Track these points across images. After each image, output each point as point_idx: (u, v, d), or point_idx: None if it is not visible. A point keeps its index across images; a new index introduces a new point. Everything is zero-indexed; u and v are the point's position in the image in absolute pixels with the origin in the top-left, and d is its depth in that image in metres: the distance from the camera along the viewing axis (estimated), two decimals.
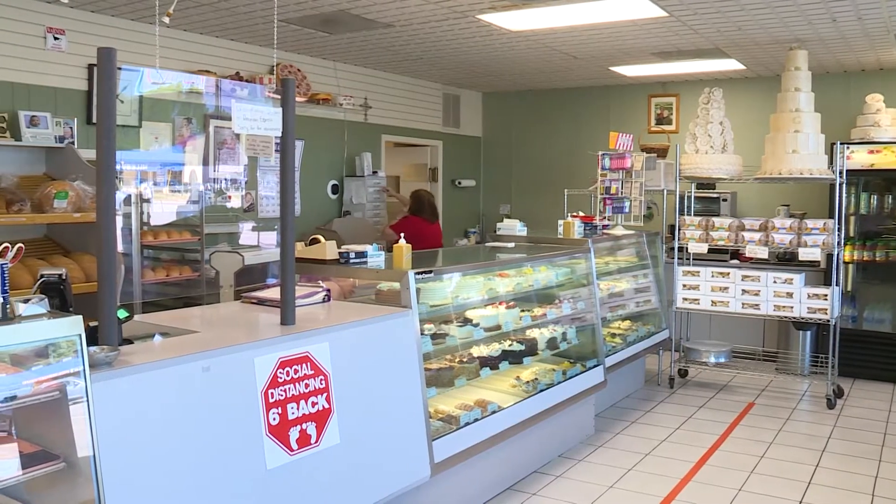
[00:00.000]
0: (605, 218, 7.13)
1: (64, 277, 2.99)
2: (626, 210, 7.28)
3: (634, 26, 6.71)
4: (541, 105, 10.70)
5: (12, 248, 2.79)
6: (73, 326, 2.49)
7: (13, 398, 2.40)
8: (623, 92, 10.06)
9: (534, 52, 7.97)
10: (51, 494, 2.57)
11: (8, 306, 2.46)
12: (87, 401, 2.47)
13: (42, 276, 2.97)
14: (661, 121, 9.85)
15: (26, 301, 2.51)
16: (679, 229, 7.26)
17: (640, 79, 9.54)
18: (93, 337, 2.68)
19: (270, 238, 7.12)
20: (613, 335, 6.59)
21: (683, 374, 7.63)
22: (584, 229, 6.59)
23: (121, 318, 2.93)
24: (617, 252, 7.13)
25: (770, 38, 6.98)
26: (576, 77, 9.52)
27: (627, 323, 6.96)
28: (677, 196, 7.38)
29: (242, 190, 7.15)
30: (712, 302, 7.07)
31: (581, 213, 6.96)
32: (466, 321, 4.74)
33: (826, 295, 6.62)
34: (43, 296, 2.62)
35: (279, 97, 3.52)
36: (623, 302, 7.00)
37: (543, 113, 10.70)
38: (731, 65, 8.33)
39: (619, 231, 7.03)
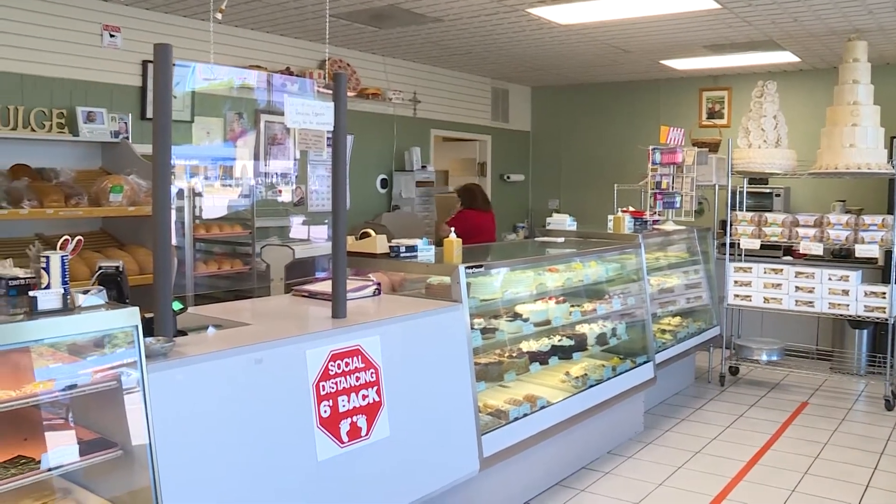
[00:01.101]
0: (655, 213, 7.05)
1: (121, 269, 3.04)
2: (677, 205, 7.19)
3: (686, 19, 6.62)
4: (590, 99, 10.63)
5: (72, 240, 2.85)
6: (130, 317, 2.54)
7: (73, 387, 2.46)
8: (673, 86, 9.93)
9: (583, 46, 7.90)
10: (107, 480, 2.62)
11: (68, 297, 2.51)
12: (144, 390, 2.51)
13: (100, 267, 3.02)
14: (712, 115, 9.71)
15: (85, 292, 2.56)
16: (731, 225, 7.15)
17: (690, 72, 9.41)
18: (148, 328, 2.72)
19: (320, 232, 7.16)
20: (663, 331, 6.51)
21: (734, 371, 7.51)
22: (635, 224, 6.53)
23: (175, 309, 2.97)
24: (667, 247, 7.05)
25: (827, 28, 6.82)
26: (626, 71, 9.43)
27: (678, 319, 6.87)
28: (729, 191, 7.27)
29: (293, 184, 7.22)
30: (765, 299, 6.95)
31: (631, 208, 6.90)
32: (516, 316, 4.72)
33: (884, 293, 6.46)
34: (101, 287, 2.66)
35: (329, 92, 3.54)
36: (673, 298, 6.92)
37: (593, 107, 10.62)
38: (785, 57, 8.17)
39: (669, 226, 6.96)
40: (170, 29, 6.47)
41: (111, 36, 6.16)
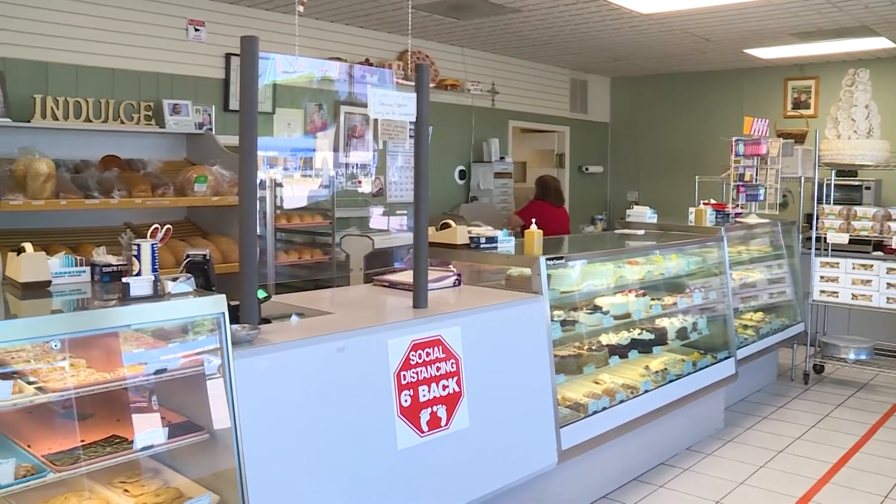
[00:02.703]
0: (737, 206, 6.89)
1: (208, 258, 3.11)
2: (761, 198, 7.01)
3: (772, 5, 6.43)
4: (670, 90, 10.44)
5: (161, 229, 2.92)
6: (217, 304, 2.59)
7: (163, 371, 2.52)
8: (757, 75, 9.68)
9: (664, 36, 7.76)
10: (192, 461, 2.69)
11: (159, 284, 2.57)
12: (229, 376, 2.56)
13: (188, 255, 3.09)
14: (798, 105, 9.43)
15: (174, 279, 2.62)
16: (817, 218, 6.93)
17: (775, 61, 9.16)
18: (233, 315, 2.77)
19: (399, 222, 7.20)
20: (745, 327, 6.36)
21: (819, 370, 7.29)
22: (717, 217, 6.39)
23: (260, 298, 3.02)
24: (750, 241, 6.87)
25: None
26: (708, 60, 9.22)
27: (760, 315, 6.70)
28: (815, 183, 7.04)
29: (372, 175, 7.27)
30: (853, 295, 6.71)
31: (713, 201, 6.75)
32: (596, 308, 4.67)
33: None
34: (189, 275, 2.72)
35: (407, 83, 3.54)
36: (756, 293, 6.74)
37: (673, 98, 10.43)
38: (879, 43, 7.86)
39: (752, 219, 6.78)
40: (252, 22, 6.58)
41: (196, 30, 6.30)
